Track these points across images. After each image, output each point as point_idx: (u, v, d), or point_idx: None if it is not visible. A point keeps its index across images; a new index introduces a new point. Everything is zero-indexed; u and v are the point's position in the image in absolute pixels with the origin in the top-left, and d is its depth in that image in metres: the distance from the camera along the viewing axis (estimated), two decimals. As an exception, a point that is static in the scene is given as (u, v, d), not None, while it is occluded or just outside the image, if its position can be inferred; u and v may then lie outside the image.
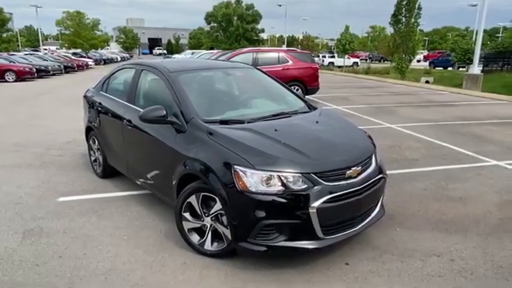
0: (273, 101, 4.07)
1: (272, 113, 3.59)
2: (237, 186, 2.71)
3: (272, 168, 2.72)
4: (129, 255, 3.20)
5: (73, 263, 3.08)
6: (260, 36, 51.65)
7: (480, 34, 16.06)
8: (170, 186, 3.42)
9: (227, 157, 2.83)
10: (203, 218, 3.08)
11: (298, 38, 54.21)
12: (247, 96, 4.10)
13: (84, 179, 5.05)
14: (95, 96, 5.01)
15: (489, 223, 3.73)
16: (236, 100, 4.00)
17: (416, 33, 23.27)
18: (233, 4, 49.31)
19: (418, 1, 22.39)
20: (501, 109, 11.32)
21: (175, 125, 3.33)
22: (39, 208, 4.14)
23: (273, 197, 2.66)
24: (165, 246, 3.35)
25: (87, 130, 5.21)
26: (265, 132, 3.12)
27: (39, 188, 4.74)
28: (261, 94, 4.18)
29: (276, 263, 3.00)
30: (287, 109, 3.79)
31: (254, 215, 2.68)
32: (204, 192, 2.99)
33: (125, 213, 4.01)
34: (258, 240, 2.74)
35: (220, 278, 2.86)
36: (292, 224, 2.70)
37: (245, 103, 3.96)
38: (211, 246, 3.08)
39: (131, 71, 4.36)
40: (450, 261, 3.05)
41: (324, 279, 2.84)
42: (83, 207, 4.16)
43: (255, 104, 3.94)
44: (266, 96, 4.17)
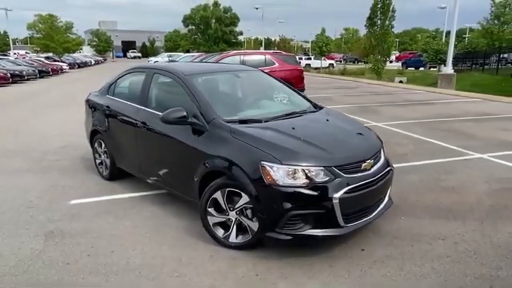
0: (284, 100, 4.29)
1: (285, 112, 3.81)
2: (265, 180, 2.91)
3: (297, 163, 2.94)
4: (156, 251, 3.33)
5: (103, 261, 3.19)
6: (238, 38, 51.98)
7: (453, 35, 16.91)
8: (189, 184, 3.58)
9: (254, 153, 3.04)
10: (228, 213, 3.26)
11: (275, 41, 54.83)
12: (258, 97, 4.31)
13: (91, 182, 5.11)
14: (100, 99, 5.08)
15: (482, 209, 4.09)
16: (248, 100, 4.20)
17: (391, 35, 24.15)
18: (210, 6, 49.41)
19: (392, 4, 23.30)
20: (475, 106, 12.01)
21: (196, 125, 3.49)
22: (53, 211, 4.19)
23: (299, 189, 2.88)
24: (187, 241, 3.50)
25: (92, 134, 5.26)
26: (284, 130, 3.34)
27: (47, 192, 4.77)
28: (270, 95, 4.40)
29: (297, 251, 3.22)
30: (297, 108, 4.02)
31: (282, 206, 2.89)
32: (230, 188, 3.18)
33: (140, 213, 4.12)
34: (285, 230, 2.95)
35: (248, 267, 3.05)
36: (316, 214, 2.93)
37: (257, 104, 4.17)
38: (236, 238, 3.27)
39: (142, 75, 4.48)
40: (454, 243, 3.37)
41: (344, 264, 3.08)
42: (97, 209, 4.25)
43: (266, 105, 4.16)
44: (274, 96, 4.38)
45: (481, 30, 28.37)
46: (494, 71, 24.14)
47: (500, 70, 23.68)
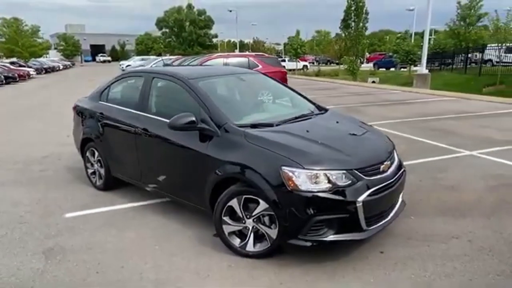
0: (289, 103, 4.22)
1: (294, 115, 3.74)
2: (287, 186, 2.83)
3: (319, 167, 2.88)
4: (169, 264, 3.18)
5: (115, 277, 3.01)
6: (213, 41, 51.64)
7: (426, 36, 17.46)
8: (197, 191, 3.46)
9: (273, 159, 2.94)
10: (244, 221, 3.15)
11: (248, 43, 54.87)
12: (263, 100, 4.22)
13: (83, 193, 4.84)
14: (92, 106, 4.83)
15: (486, 206, 4.17)
16: (254, 104, 4.09)
17: (365, 37, 24.69)
18: (184, 9, 48.81)
19: (365, 6, 23.83)
20: (452, 105, 12.40)
21: (205, 131, 3.36)
22: (49, 226, 3.93)
23: (322, 194, 2.81)
24: (200, 252, 3.36)
25: (82, 142, 4.99)
26: (298, 133, 3.27)
27: (38, 205, 4.49)
28: (275, 97, 4.32)
29: (317, 256, 3.15)
30: (304, 111, 3.96)
31: (306, 212, 2.81)
32: (247, 195, 3.07)
33: (143, 224, 3.94)
34: (308, 236, 2.87)
35: (270, 276, 2.95)
36: (340, 218, 2.87)
37: (263, 107, 4.08)
38: (254, 247, 3.16)
39: (138, 79, 4.29)
40: (468, 241, 3.40)
41: (366, 266, 3.04)
42: (96, 222, 4.02)
43: (272, 108, 4.08)
44: (281, 99, 4.31)
45: (448, 31, 29.50)
46: (461, 70, 25.11)
47: (466, 69, 24.65)
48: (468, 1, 27.65)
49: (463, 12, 27.86)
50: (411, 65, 30.48)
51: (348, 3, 23.79)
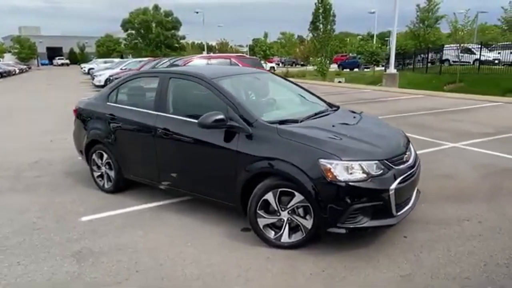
0: (302, 100, 4.38)
1: (313, 111, 3.91)
2: (326, 177, 2.98)
3: (354, 158, 3.06)
4: (208, 259, 3.23)
5: (158, 275, 3.03)
6: (181, 42, 50.94)
7: (394, 38, 18.34)
8: (225, 188, 3.56)
9: (310, 152, 3.09)
10: (279, 213, 3.28)
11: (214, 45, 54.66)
12: (280, 98, 4.34)
13: (92, 196, 4.75)
14: (99, 108, 4.75)
15: (484, 192, 4.54)
16: (272, 101, 4.21)
17: (333, 39, 25.48)
18: (151, 10, 47.81)
19: (332, 9, 24.62)
20: (423, 102, 13.14)
21: (235, 128, 3.45)
22: (67, 230, 3.85)
23: (359, 184, 3.00)
24: (234, 246, 3.44)
25: (88, 146, 4.89)
26: (326, 128, 3.45)
27: (48, 211, 4.36)
28: (289, 95, 4.46)
29: (347, 244, 3.33)
30: (320, 107, 4.15)
31: (345, 201, 2.99)
32: (282, 188, 3.20)
33: (167, 223, 3.95)
34: (346, 224, 3.05)
35: (309, 265, 3.09)
36: (375, 206, 3.06)
37: (281, 104, 4.20)
38: (289, 238, 3.29)
39: (153, 80, 4.29)
40: (479, 223, 3.72)
41: (396, 251, 3.25)
42: (116, 223, 3.98)
43: (289, 105, 4.22)
44: (294, 97, 4.45)
45: (409, 33, 31.08)
46: (422, 70, 26.48)
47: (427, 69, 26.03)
48: (426, 4, 29.25)
49: (422, 15, 29.45)
50: (375, 65, 31.77)
51: (316, 6, 24.47)
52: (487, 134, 7.59)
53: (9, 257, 3.38)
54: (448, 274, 2.90)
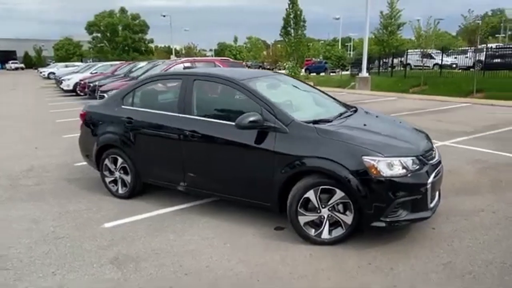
0: (323, 102, 4.50)
1: (338, 112, 4.05)
2: (371, 174, 3.12)
3: (394, 154, 3.22)
4: (253, 258, 3.26)
5: (209, 276, 3.03)
6: (149, 46, 49.74)
7: (366, 43, 19.10)
8: (261, 187, 3.60)
9: (353, 150, 3.21)
10: (319, 210, 3.37)
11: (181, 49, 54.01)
12: (303, 99, 4.42)
13: (107, 203, 4.60)
14: (113, 111, 4.62)
15: (487, 184, 4.89)
16: (297, 102, 4.27)
17: (304, 43, 26.05)
18: (117, 13, 46.36)
19: (303, 15, 25.17)
20: (399, 103, 13.78)
21: (271, 129, 3.50)
22: (94, 238, 3.73)
23: (401, 179, 3.16)
24: (273, 245, 3.48)
25: (100, 150, 4.74)
26: (359, 127, 3.59)
27: (64, 219, 4.19)
28: (310, 96, 4.56)
29: (383, 238, 3.48)
30: (341, 108, 4.29)
31: (389, 196, 3.13)
32: (324, 186, 3.29)
33: (197, 225, 3.92)
34: (389, 217, 3.19)
35: (354, 259, 3.20)
36: (414, 199, 3.23)
37: (305, 105, 4.27)
38: (329, 234, 3.39)
39: (175, 82, 4.26)
40: (493, 213, 4.01)
41: (431, 242, 3.44)
42: (144, 228, 3.91)
43: (312, 106, 4.31)
44: (315, 98, 4.56)
45: (374, 38, 32.33)
46: (387, 74, 27.70)
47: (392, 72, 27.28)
48: (389, 12, 30.59)
49: (385, 21, 30.74)
50: (342, 69, 32.77)
51: (287, 11, 24.93)
52: (468, 132, 8.12)
53: (41, 267, 3.24)
54: (484, 260, 3.11)
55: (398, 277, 2.93)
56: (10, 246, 3.62)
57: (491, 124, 9.03)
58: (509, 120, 9.63)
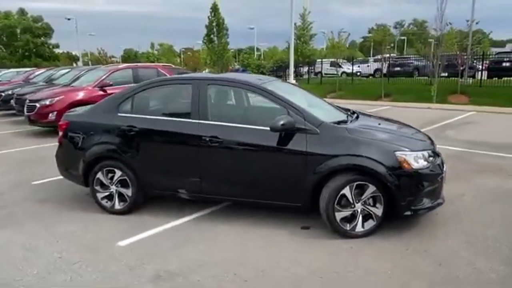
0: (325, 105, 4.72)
1: (345, 114, 4.32)
2: (403, 168, 3.43)
3: (420, 149, 3.59)
4: (300, 259, 3.32)
5: (270, 278, 3.02)
6: (54, 51, 44.63)
7: (292, 51, 20.13)
8: (293, 188, 3.68)
9: (385, 147, 3.49)
10: (354, 205, 3.58)
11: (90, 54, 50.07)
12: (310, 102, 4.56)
13: (105, 220, 4.19)
14: (108, 120, 4.23)
15: (452, 174, 5.48)
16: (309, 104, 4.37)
17: (228, 51, 26.41)
18: (15, 15, 40.69)
19: (225, 23, 25.54)
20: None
21: (301, 131, 3.61)
22: (114, 258, 3.41)
23: (426, 170, 3.53)
24: (311, 243, 3.59)
25: (90, 164, 4.28)
26: (376, 126, 3.91)
27: (64, 242, 3.73)
28: (312, 99, 4.73)
29: (400, 227, 3.81)
30: (343, 111, 4.56)
31: (419, 186, 3.48)
32: (358, 182, 3.51)
33: (223, 233, 3.83)
34: (418, 206, 3.54)
35: (389, 246, 3.46)
36: (434, 188, 3.63)
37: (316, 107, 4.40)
38: (362, 227, 3.61)
39: (183, 87, 4.10)
40: (473, 197, 4.66)
41: (443, 226, 3.87)
42: (166, 242, 3.68)
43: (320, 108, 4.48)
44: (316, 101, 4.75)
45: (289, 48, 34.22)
46: (302, 80, 29.62)
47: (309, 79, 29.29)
48: (301, 24, 32.76)
49: (299, 32, 32.79)
50: (262, 77, 33.84)
51: (209, 19, 25.03)
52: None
53: (74, 297, 2.85)
54: (493, 236, 3.63)
55: (436, 257, 3.27)
56: (16, 279, 3.11)
57: (424, 122, 10.17)
58: (434, 119, 10.97)
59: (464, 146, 7.39)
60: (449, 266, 3.14)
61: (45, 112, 9.15)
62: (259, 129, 3.75)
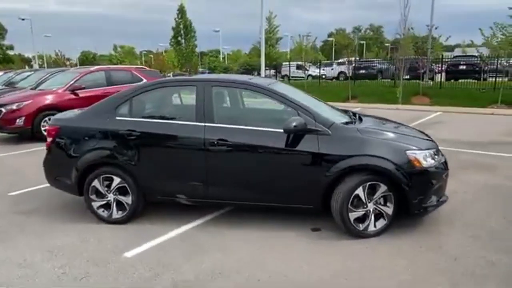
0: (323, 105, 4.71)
1: (348, 115, 4.35)
2: (414, 166, 3.49)
3: (425, 148, 3.67)
4: (320, 261, 3.29)
5: (297, 281, 2.94)
6: (8, 53, 41.60)
7: (263, 54, 20.21)
8: (304, 190, 3.65)
9: (396, 146, 3.55)
10: (366, 205, 3.60)
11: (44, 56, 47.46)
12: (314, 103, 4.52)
13: (103, 230, 3.95)
14: (103, 123, 3.99)
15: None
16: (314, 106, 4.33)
17: (196, 54, 26.08)
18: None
19: (193, 26, 25.22)
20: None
21: (313, 132, 3.59)
22: (124, 270, 3.22)
23: (433, 168, 3.61)
24: (326, 245, 3.56)
25: (84, 172, 4.02)
26: (383, 127, 3.98)
27: (64, 256, 3.48)
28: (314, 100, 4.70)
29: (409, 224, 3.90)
30: (344, 112, 4.60)
31: (428, 184, 3.56)
32: (371, 182, 3.54)
33: (233, 238, 3.72)
34: (428, 203, 3.62)
35: (402, 245, 3.52)
36: (440, 186, 3.74)
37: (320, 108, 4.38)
38: (374, 227, 3.64)
39: (187, 89, 3.95)
40: (464, 193, 4.84)
41: (445, 221, 4.00)
42: (179, 250, 3.52)
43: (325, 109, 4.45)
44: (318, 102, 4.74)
45: (256, 51, 34.45)
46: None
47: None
48: (268, 27, 33.06)
49: (266, 35, 33.05)
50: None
51: (176, 22, 24.60)
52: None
53: (90, 315, 2.65)
54: (494, 229, 3.80)
55: (450, 252, 3.36)
56: (19, 299, 2.83)
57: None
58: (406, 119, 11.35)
59: (442, 145, 7.68)
60: (464, 260, 3.23)
61: (12, 117, 8.56)
62: (269, 131, 3.70)
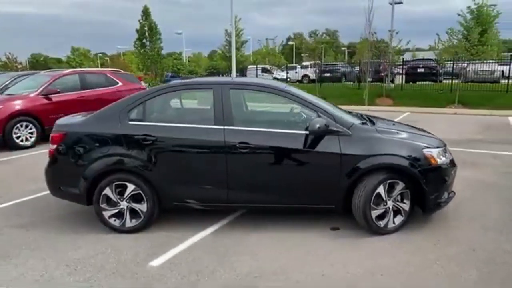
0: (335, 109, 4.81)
1: (358, 116, 4.47)
2: (431, 164, 3.67)
3: (438, 145, 3.86)
4: (350, 260, 3.35)
5: (335, 281, 2.98)
6: None
7: (233, 57, 20.17)
8: (326, 190, 3.72)
9: (414, 145, 3.71)
10: (386, 203, 3.72)
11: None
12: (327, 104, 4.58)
13: (118, 240, 3.77)
14: (114, 128, 3.82)
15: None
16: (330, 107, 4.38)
17: (162, 57, 25.51)
18: None
19: (158, 27, 24.66)
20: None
21: (334, 133, 3.66)
22: (156, 279, 3.12)
23: (445, 165, 3.81)
24: (351, 244, 3.63)
25: (96, 179, 3.82)
26: (395, 127, 4.13)
27: (84, 269, 3.30)
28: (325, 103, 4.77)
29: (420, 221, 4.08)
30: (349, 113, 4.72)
31: (443, 181, 3.75)
32: (391, 180, 3.66)
33: (258, 242, 3.69)
34: (442, 199, 3.81)
35: (420, 240, 3.67)
36: (451, 182, 3.94)
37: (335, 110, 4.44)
38: (393, 223, 3.78)
39: (204, 92, 3.89)
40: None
41: (453, 216, 4.23)
42: (207, 257, 3.43)
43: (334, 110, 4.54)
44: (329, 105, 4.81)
45: (221, 54, 34.34)
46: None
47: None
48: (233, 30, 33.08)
49: (230, 39, 33.12)
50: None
51: (140, 23, 23.96)
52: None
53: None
54: (500, 219, 4.06)
55: (468, 244, 3.55)
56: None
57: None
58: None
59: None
60: (483, 251, 3.43)
61: (-20, 124, 7.93)
62: (290, 133, 3.73)
